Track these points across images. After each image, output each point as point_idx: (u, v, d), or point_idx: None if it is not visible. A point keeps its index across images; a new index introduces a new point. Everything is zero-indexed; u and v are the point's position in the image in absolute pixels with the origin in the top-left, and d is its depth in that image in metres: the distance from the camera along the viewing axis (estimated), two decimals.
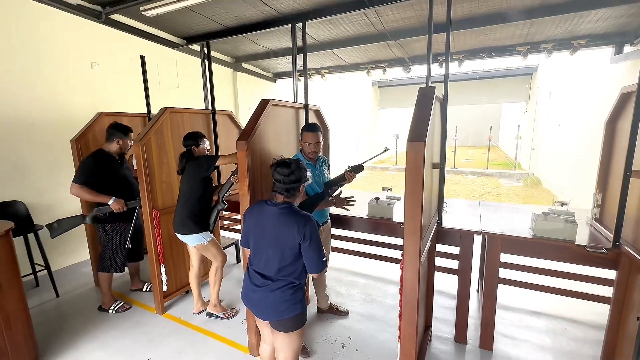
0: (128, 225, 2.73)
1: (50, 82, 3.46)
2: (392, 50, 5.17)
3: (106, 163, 2.59)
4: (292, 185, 1.51)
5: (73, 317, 2.76)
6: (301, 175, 1.53)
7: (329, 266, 3.66)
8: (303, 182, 1.54)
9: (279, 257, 1.49)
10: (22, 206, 3.14)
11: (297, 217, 1.47)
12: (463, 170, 11.59)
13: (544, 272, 2.38)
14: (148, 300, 2.98)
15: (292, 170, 1.50)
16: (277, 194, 1.53)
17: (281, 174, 1.50)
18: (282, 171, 1.50)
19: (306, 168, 1.58)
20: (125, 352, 2.32)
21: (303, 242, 1.45)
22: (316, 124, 2.28)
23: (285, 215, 1.48)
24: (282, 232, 1.47)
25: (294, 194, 1.53)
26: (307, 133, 2.23)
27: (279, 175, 1.50)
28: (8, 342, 1.95)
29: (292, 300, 1.52)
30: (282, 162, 1.53)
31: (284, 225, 1.47)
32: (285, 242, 1.47)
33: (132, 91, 4.11)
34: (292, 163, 1.53)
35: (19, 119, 3.25)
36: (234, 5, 3.52)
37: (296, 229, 1.44)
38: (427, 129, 1.47)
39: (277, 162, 1.54)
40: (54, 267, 3.44)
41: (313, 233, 1.46)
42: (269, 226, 1.51)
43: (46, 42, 3.42)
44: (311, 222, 1.48)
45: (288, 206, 1.52)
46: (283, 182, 1.50)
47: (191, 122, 3.02)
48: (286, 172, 1.49)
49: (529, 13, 3.50)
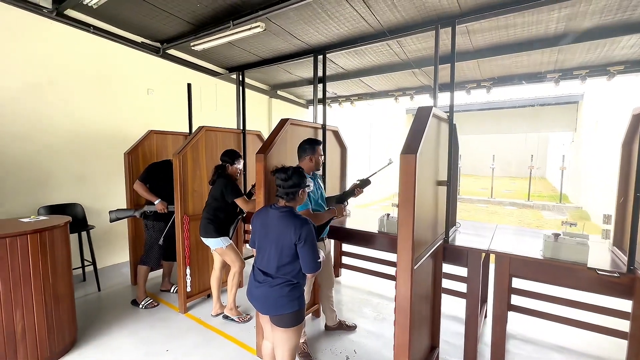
0: (165, 225, 3.08)
1: (113, 105, 4.10)
2: (418, 78, 5.34)
3: (163, 171, 3.07)
4: (291, 190, 1.66)
5: (109, 309, 3.09)
6: (299, 181, 1.67)
7: (342, 284, 3.71)
8: (302, 187, 1.69)
9: (278, 256, 1.63)
10: (80, 208, 3.65)
11: (294, 220, 1.61)
12: (502, 201, 11.00)
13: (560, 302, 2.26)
14: (173, 300, 3.25)
15: (288, 175, 1.65)
16: (279, 198, 1.71)
17: (280, 179, 1.66)
18: (280, 176, 1.66)
19: (305, 175, 1.73)
20: (148, 342, 2.56)
21: (298, 242, 1.58)
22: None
23: (285, 218, 1.63)
24: (282, 233, 1.61)
25: (293, 197, 1.69)
26: (320, 147, 2.34)
27: (278, 180, 1.67)
28: (55, 319, 2.27)
29: (290, 296, 1.64)
30: (280, 169, 1.69)
31: (283, 226, 1.61)
32: (284, 243, 1.61)
33: (178, 113, 4.68)
34: (289, 169, 1.68)
35: (86, 134, 3.87)
36: (269, 39, 3.98)
37: (293, 230, 1.58)
38: (419, 143, 1.60)
39: (277, 169, 1.70)
40: (99, 265, 3.88)
41: (308, 235, 1.58)
42: (271, 227, 1.67)
43: (113, 73, 4.09)
44: (307, 225, 1.61)
45: (289, 210, 1.67)
46: (282, 186, 1.66)
47: (224, 139, 3.39)
48: (283, 176, 1.65)
49: (552, 41, 3.52)
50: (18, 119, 3.33)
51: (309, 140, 2.33)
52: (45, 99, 3.51)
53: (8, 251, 2.02)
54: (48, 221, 2.34)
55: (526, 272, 2.05)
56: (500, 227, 2.77)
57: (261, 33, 3.61)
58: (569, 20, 3.10)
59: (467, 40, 3.72)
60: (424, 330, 2.09)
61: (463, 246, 2.20)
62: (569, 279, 1.91)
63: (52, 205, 3.47)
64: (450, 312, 3.02)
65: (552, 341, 2.61)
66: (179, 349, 2.47)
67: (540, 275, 2.01)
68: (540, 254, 2.01)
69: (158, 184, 3.07)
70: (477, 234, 2.51)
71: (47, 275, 2.21)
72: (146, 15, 3.56)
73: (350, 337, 2.65)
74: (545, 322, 2.65)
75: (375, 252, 3.68)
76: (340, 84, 5.80)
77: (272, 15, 3.27)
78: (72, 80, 3.72)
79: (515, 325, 2.78)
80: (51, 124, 3.57)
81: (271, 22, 3.49)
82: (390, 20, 3.32)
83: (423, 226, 1.80)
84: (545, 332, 2.74)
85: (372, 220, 3.04)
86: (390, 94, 6.33)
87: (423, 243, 1.83)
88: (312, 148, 2.28)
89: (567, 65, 4.41)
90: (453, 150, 2.31)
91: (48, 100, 3.54)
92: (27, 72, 3.38)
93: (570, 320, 2.31)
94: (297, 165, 1.77)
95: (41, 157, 3.50)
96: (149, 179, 3.04)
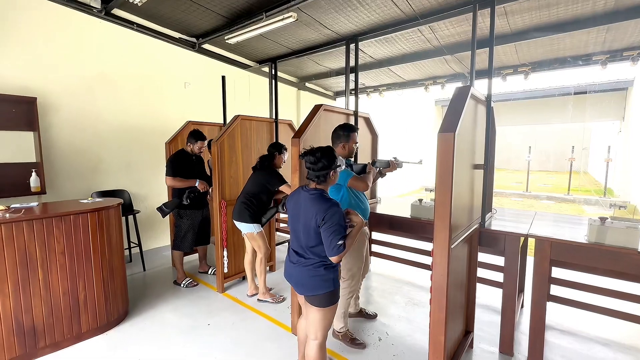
0: (198, 212, 3.26)
1: (154, 97, 4.36)
2: (450, 65, 5.19)
3: (183, 159, 3.20)
4: (321, 172, 1.62)
5: (154, 287, 3.34)
6: (329, 162, 1.62)
7: (371, 271, 3.74)
8: (333, 168, 1.64)
9: (307, 237, 1.63)
10: (127, 194, 3.94)
11: (321, 203, 1.58)
12: (538, 195, 10.45)
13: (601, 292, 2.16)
14: (211, 281, 3.44)
15: (317, 158, 1.61)
16: (310, 180, 1.68)
17: (308, 162, 1.63)
18: (309, 159, 1.62)
19: (335, 155, 1.66)
20: (191, 317, 2.74)
21: (322, 225, 1.55)
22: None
23: (313, 200, 1.61)
24: (309, 214, 1.60)
25: (324, 179, 1.65)
26: (355, 133, 2.31)
27: (308, 164, 1.63)
28: (110, 289, 2.50)
29: (323, 276, 1.64)
30: (308, 151, 1.65)
31: (311, 208, 1.60)
32: (310, 224, 1.59)
33: (213, 104, 4.88)
34: (317, 151, 1.63)
35: (132, 125, 4.15)
36: (299, 30, 4.04)
37: (317, 212, 1.56)
38: (458, 122, 1.59)
39: (305, 151, 1.66)
40: (143, 247, 4.17)
41: (331, 218, 1.53)
42: (301, 209, 1.66)
43: (154, 67, 4.34)
44: (333, 208, 1.55)
45: (319, 192, 1.64)
46: (312, 169, 1.63)
47: (257, 128, 3.51)
48: (312, 159, 1.61)
49: (600, 19, 3.30)
50: (73, 110, 3.65)
51: (344, 126, 2.28)
52: (95, 92, 3.81)
53: (72, 227, 2.25)
54: (103, 202, 2.56)
55: (569, 258, 1.98)
56: (540, 214, 2.67)
57: (292, 24, 3.68)
58: None
59: (505, 22, 3.57)
60: (458, 313, 2.09)
61: (500, 230, 2.16)
62: (616, 264, 1.83)
63: (103, 191, 3.77)
64: (484, 302, 2.97)
65: (593, 333, 2.50)
66: (218, 324, 2.63)
67: (584, 260, 1.93)
68: (584, 239, 1.93)
69: (184, 173, 3.14)
70: (514, 220, 2.44)
71: (104, 250, 2.43)
72: (184, 10, 3.74)
73: (382, 321, 2.69)
74: (584, 313, 2.55)
75: (404, 240, 3.69)
76: (368, 73, 5.77)
77: (304, 5, 3.32)
78: (119, 74, 3.99)
79: (552, 315, 2.69)
80: (101, 115, 3.87)
81: (302, 11, 3.54)
82: (423, 4, 3.26)
83: (458, 208, 1.79)
84: (584, 323, 2.62)
85: (402, 207, 3.05)
86: (420, 83, 6.21)
87: (459, 226, 1.82)
88: (346, 135, 2.25)
89: (617, 46, 4.10)
90: (490, 133, 2.26)
91: (98, 93, 3.83)
92: (80, 68, 3.68)
93: (613, 311, 2.20)
94: (327, 146, 1.71)
95: (93, 146, 3.81)
96: (177, 171, 3.12)
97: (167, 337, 2.46)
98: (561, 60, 4.65)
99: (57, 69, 3.52)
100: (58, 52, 3.51)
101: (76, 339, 2.34)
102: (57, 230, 2.19)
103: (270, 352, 2.29)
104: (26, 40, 3.30)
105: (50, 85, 3.47)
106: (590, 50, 4.31)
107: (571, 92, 9.98)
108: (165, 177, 3.12)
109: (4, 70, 3.18)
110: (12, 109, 3.14)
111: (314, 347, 1.71)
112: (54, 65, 3.49)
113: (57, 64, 3.51)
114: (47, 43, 3.44)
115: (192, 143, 3.21)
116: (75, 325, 2.32)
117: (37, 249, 2.12)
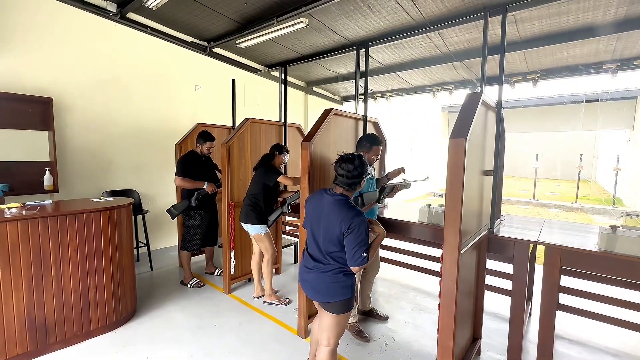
0: (206, 214, 3.29)
1: (165, 100, 4.43)
2: (458, 72, 5.20)
3: (193, 160, 3.23)
4: (355, 180, 1.60)
5: (161, 286, 3.37)
6: (364, 170, 1.62)
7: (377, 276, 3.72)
8: (365, 176, 1.64)
9: (327, 242, 1.60)
10: (137, 194, 4.00)
11: (347, 210, 1.54)
12: (545, 203, 10.35)
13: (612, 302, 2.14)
14: (217, 282, 3.46)
15: (355, 166, 1.58)
16: (337, 186, 1.65)
17: (345, 169, 1.59)
18: (346, 167, 1.59)
19: (366, 162, 1.67)
20: (197, 316, 2.76)
21: (347, 233, 1.52)
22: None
23: (339, 206, 1.57)
24: (333, 220, 1.56)
25: (354, 187, 1.63)
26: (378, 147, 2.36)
27: (343, 171, 1.59)
28: (120, 288, 2.53)
29: (342, 283, 1.61)
30: (346, 158, 1.61)
31: (335, 214, 1.56)
32: (333, 231, 1.56)
33: (223, 107, 4.94)
34: (355, 159, 1.61)
35: (143, 127, 4.22)
36: (309, 35, 4.09)
37: (343, 220, 1.52)
38: (469, 127, 1.61)
39: (342, 158, 1.62)
40: (151, 247, 4.22)
41: (356, 228, 1.50)
42: (323, 213, 1.62)
43: (166, 70, 4.42)
44: (359, 217, 1.52)
45: (344, 199, 1.60)
46: (346, 177, 1.59)
47: (267, 131, 3.54)
48: (350, 167, 1.58)
49: (611, 28, 3.30)
50: (87, 111, 3.72)
51: (371, 136, 2.36)
52: (110, 94, 3.89)
53: (85, 225, 2.29)
54: (115, 201, 2.61)
55: (579, 266, 1.97)
56: (549, 221, 2.65)
57: (302, 29, 3.73)
58: (631, 3, 2.90)
59: (514, 30, 3.58)
60: (466, 319, 2.08)
61: (509, 237, 2.15)
62: (627, 273, 1.81)
63: (114, 191, 3.83)
64: (492, 309, 2.95)
65: (603, 343, 2.47)
66: (225, 325, 2.65)
67: (595, 269, 1.92)
68: (595, 247, 1.92)
69: (193, 173, 3.16)
70: (523, 227, 2.43)
71: (115, 249, 2.47)
72: (198, 15, 3.82)
73: (388, 326, 2.68)
74: (593, 323, 2.51)
75: (410, 245, 3.68)
76: (376, 79, 5.80)
77: (315, 11, 3.37)
78: (132, 76, 4.07)
79: (561, 324, 2.66)
80: (114, 117, 3.94)
81: (313, 17, 3.59)
82: (433, 11, 3.29)
83: (468, 214, 1.80)
84: (594, 333, 2.59)
85: (409, 212, 3.04)
86: (428, 89, 6.22)
87: (468, 231, 1.82)
88: (369, 147, 2.33)
89: (627, 54, 4.09)
90: (500, 140, 2.26)
91: (112, 95, 3.91)
92: (95, 70, 3.76)
93: (623, 321, 2.17)
94: (358, 153, 1.69)
95: (105, 147, 3.88)
96: (187, 171, 3.14)
97: (175, 336, 2.48)
98: (572, 68, 4.64)
99: (73, 70, 3.60)
100: (74, 54, 3.60)
101: (85, 336, 2.37)
102: (71, 228, 2.23)
103: (277, 353, 2.30)
104: (44, 43, 3.39)
105: (65, 87, 3.55)
106: (600, 59, 4.29)
107: (582, 99, 9.90)
108: (175, 177, 3.16)
109: (22, 71, 3.26)
110: (29, 109, 3.22)
111: (325, 353, 1.70)
112: (70, 67, 3.57)
113: (73, 66, 3.60)
114: (64, 45, 3.53)
115: (201, 144, 3.25)
116: (85, 322, 2.35)
117: (50, 246, 2.16)
